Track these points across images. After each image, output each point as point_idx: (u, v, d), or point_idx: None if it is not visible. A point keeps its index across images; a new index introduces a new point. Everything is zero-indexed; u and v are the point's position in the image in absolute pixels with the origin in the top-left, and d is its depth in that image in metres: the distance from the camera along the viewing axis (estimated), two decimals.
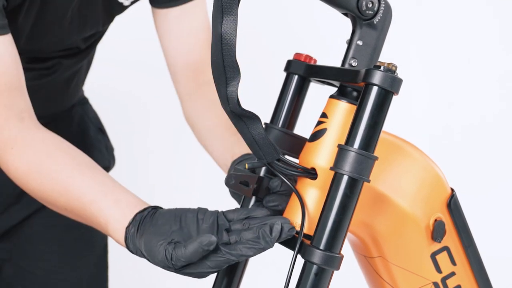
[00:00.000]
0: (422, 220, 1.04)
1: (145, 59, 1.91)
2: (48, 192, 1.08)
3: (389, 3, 1.01)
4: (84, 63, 1.46)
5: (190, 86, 1.40)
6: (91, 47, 1.42)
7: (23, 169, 1.09)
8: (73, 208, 1.06)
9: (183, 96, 1.42)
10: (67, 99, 1.50)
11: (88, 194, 1.05)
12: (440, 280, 1.07)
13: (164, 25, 1.39)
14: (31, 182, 1.09)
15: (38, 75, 1.34)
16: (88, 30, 1.33)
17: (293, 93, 1.09)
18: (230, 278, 1.07)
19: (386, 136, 1.02)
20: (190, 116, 1.41)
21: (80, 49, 1.38)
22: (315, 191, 0.98)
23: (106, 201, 1.03)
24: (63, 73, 1.38)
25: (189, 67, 1.40)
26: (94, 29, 1.34)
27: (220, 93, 0.90)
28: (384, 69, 0.90)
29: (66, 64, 1.37)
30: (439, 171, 1.06)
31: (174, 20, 1.37)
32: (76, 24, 1.29)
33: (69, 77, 1.42)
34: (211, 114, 1.35)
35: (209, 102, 1.37)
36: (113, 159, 1.63)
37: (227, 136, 1.28)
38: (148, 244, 0.95)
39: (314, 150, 0.98)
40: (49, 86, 1.39)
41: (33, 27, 1.23)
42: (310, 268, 0.91)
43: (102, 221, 1.03)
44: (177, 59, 1.40)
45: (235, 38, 0.88)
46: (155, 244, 0.94)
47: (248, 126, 0.93)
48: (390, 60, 0.92)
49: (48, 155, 1.10)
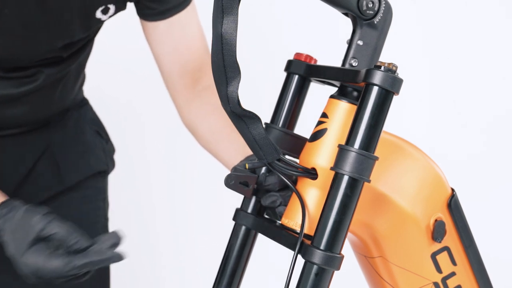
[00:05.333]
0: (422, 220, 1.04)
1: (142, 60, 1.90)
2: None
3: (389, 3, 1.01)
4: (72, 71, 1.42)
5: (188, 93, 1.39)
6: (75, 55, 1.38)
7: None
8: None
9: (180, 103, 1.40)
10: (55, 106, 1.46)
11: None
12: (440, 280, 1.07)
13: (154, 38, 1.36)
14: None
15: (19, 83, 1.32)
16: (60, 41, 1.29)
17: (294, 93, 1.09)
18: (230, 278, 1.07)
19: (386, 136, 1.02)
20: (191, 121, 1.39)
21: (62, 57, 1.34)
22: (316, 191, 0.98)
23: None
24: (46, 81, 1.35)
25: (186, 76, 1.38)
26: (68, 39, 1.30)
27: (221, 93, 0.90)
28: (385, 69, 0.90)
29: (48, 73, 1.33)
30: (439, 171, 1.06)
31: (165, 33, 1.35)
32: (44, 34, 1.26)
33: (52, 85, 1.38)
34: (215, 117, 1.34)
35: (211, 106, 1.36)
36: (112, 162, 1.61)
37: (237, 136, 1.28)
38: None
39: (314, 150, 0.98)
40: (32, 93, 1.35)
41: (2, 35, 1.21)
42: (311, 268, 0.91)
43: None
44: (173, 70, 1.38)
45: (235, 38, 0.88)
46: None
47: (248, 126, 0.93)
48: (390, 60, 0.92)
49: None
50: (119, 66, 2.30)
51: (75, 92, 1.53)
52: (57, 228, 1.05)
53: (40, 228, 1.04)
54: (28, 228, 1.03)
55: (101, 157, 1.57)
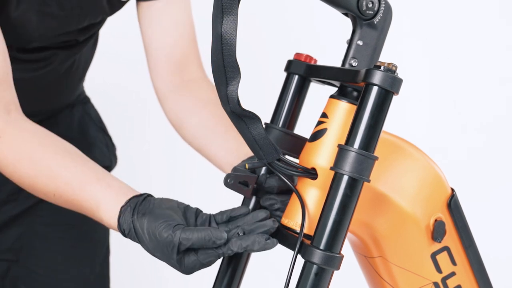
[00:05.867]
0: (422, 220, 1.04)
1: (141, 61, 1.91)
2: (39, 177, 1.09)
3: (389, 3, 1.01)
4: (81, 59, 1.45)
5: (173, 81, 1.39)
6: (86, 41, 1.42)
7: (14, 156, 1.10)
8: (62, 193, 1.07)
9: (164, 93, 1.40)
10: (64, 95, 1.49)
11: (79, 179, 1.06)
12: (440, 280, 1.07)
13: (147, 17, 1.38)
14: (21, 169, 1.10)
15: (33, 67, 1.34)
16: (87, 20, 1.33)
17: (294, 93, 1.09)
18: (230, 278, 1.07)
19: (386, 136, 1.02)
20: (178, 113, 1.39)
21: (78, 41, 1.38)
22: (315, 191, 0.98)
23: (98, 185, 1.04)
24: (58, 66, 1.38)
25: (172, 61, 1.39)
26: (93, 19, 1.34)
27: (221, 93, 0.90)
28: (384, 69, 0.90)
29: (62, 56, 1.37)
30: (439, 171, 1.06)
31: (158, 11, 1.37)
32: (77, 12, 1.29)
33: (64, 71, 1.41)
34: (207, 113, 1.34)
35: (202, 101, 1.36)
36: (115, 158, 1.63)
37: (231, 136, 1.28)
38: (152, 223, 0.96)
39: (314, 150, 0.98)
40: (44, 78, 1.38)
41: (40, 4, 1.23)
42: (310, 268, 0.91)
43: (93, 204, 1.04)
44: (160, 52, 1.38)
45: (235, 38, 0.88)
46: (162, 223, 0.96)
47: (248, 126, 0.93)
48: (390, 60, 0.92)
49: (40, 143, 1.10)
50: (120, 64, 2.30)
51: (80, 86, 1.56)
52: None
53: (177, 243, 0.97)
54: (168, 246, 0.97)
55: (105, 153, 1.59)
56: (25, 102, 1.19)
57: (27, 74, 1.34)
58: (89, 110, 1.61)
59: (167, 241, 0.95)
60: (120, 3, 1.35)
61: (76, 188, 1.06)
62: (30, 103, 1.28)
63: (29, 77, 1.35)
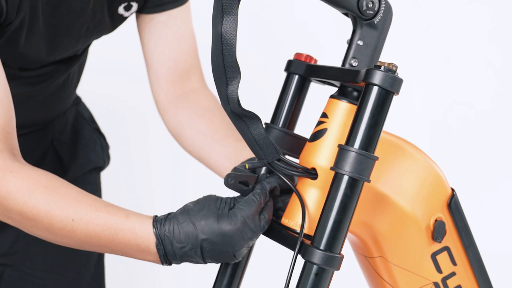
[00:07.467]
0: (422, 220, 1.04)
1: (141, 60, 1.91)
2: (56, 202, 1.01)
3: (389, 3, 1.01)
4: (76, 68, 1.45)
5: (174, 93, 1.38)
6: (84, 52, 1.41)
7: (28, 184, 1.01)
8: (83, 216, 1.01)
9: (165, 105, 1.39)
10: (61, 105, 1.48)
11: (101, 201, 1.02)
12: (440, 280, 1.07)
13: (149, 30, 1.37)
14: (36, 197, 1.01)
15: (33, 82, 1.33)
16: (91, 40, 1.33)
17: (294, 93, 1.09)
18: (231, 278, 1.07)
19: (386, 136, 1.02)
20: (178, 123, 1.38)
21: (77, 55, 1.37)
22: (316, 191, 0.98)
23: (118, 216, 1.00)
24: (57, 79, 1.37)
25: (175, 73, 1.38)
26: (95, 38, 1.34)
27: (221, 93, 0.90)
28: (385, 69, 0.90)
29: (61, 70, 1.36)
30: (439, 171, 1.06)
31: (160, 25, 1.36)
32: (91, 29, 1.29)
33: (62, 82, 1.40)
34: (205, 120, 1.34)
35: (200, 109, 1.36)
36: (107, 158, 1.63)
37: (230, 142, 1.28)
38: (206, 213, 0.98)
39: (314, 150, 0.98)
40: (43, 91, 1.37)
41: (51, 34, 1.22)
42: (310, 268, 0.91)
43: (123, 215, 1.00)
44: (162, 65, 1.38)
45: (235, 38, 0.88)
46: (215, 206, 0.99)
47: (248, 126, 0.93)
48: (390, 60, 0.92)
49: (54, 177, 1.05)
50: (116, 66, 2.30)
51: (75, 93, 1.56)
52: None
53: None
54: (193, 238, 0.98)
55: (99, 153, 1.59)
56: (22, 115, 1.18)
57: (26, 89, 1.33)
58: (82, 110, 1.60)
59: (252, 231, 0.96)
60: (122, 19, 1.34)
61: (99, 206, 1.01)
62: (28, 115, 1.27)
63: (28, 91, 1.34)
